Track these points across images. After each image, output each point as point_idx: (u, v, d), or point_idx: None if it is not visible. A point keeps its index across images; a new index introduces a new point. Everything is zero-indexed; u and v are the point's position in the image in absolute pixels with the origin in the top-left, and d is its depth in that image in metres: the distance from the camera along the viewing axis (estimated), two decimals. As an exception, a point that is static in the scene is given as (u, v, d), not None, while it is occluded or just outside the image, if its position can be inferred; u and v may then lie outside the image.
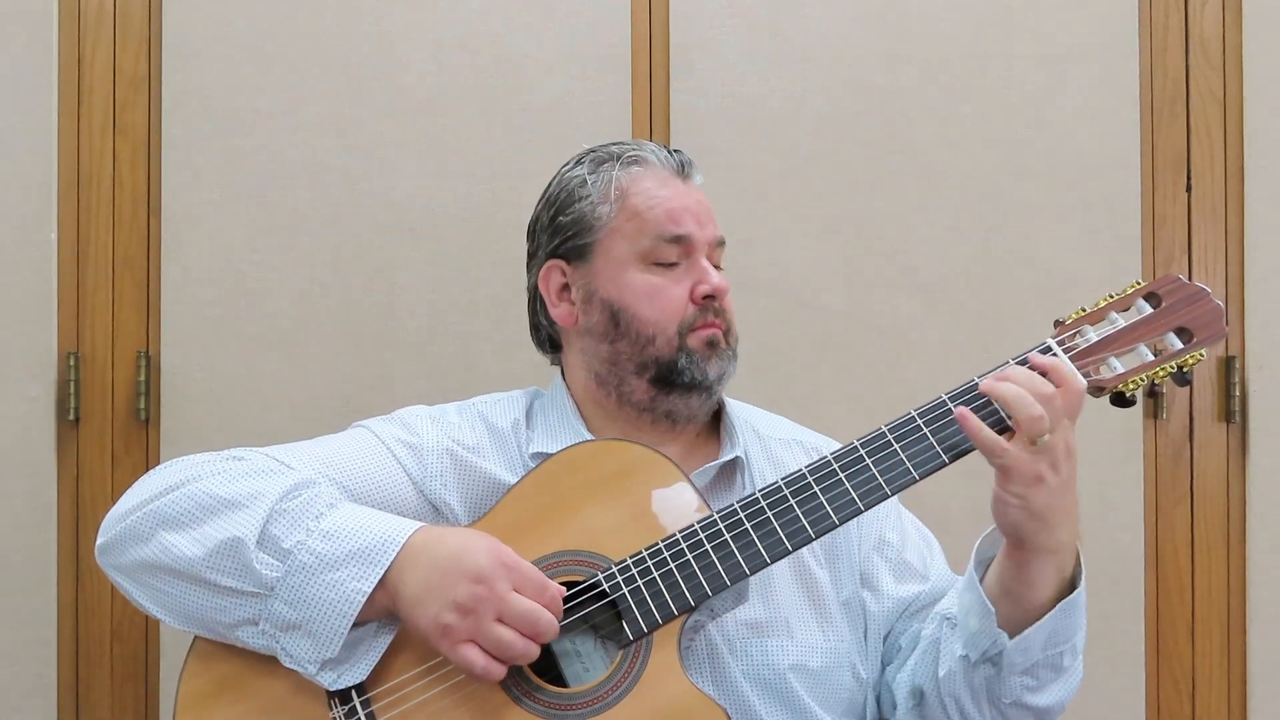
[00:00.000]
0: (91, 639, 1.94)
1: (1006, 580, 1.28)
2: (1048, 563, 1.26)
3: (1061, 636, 1.28)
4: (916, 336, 1.98)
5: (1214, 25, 1.99)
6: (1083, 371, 1.30)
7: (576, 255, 1.47)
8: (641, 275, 1.44)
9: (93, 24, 1.95)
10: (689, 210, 1.45)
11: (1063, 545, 1.26)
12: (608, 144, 1.51)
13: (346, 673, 1.24)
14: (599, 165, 1.48)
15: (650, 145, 1.49)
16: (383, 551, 1.23)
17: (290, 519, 1.26)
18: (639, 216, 1.44)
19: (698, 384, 1.43)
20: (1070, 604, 1.27)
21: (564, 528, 1.32)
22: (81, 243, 1.95)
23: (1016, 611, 1.28)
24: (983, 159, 1.99)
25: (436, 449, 1.43)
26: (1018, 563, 1.27)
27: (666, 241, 1.43)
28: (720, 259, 1.49)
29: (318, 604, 1.22)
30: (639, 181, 1.46)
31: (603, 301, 1.45)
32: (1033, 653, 1.28)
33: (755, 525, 1.29)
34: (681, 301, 1.43)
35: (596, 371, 1.47)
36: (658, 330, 1.43)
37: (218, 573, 1.24)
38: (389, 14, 1.98)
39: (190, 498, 1.28)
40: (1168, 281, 1.34)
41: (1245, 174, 1.98)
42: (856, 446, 1.30)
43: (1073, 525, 1.27)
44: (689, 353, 1.42)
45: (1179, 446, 1.99)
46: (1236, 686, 1.97)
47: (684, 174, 1.49)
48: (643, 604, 1.27)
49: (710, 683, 1.35)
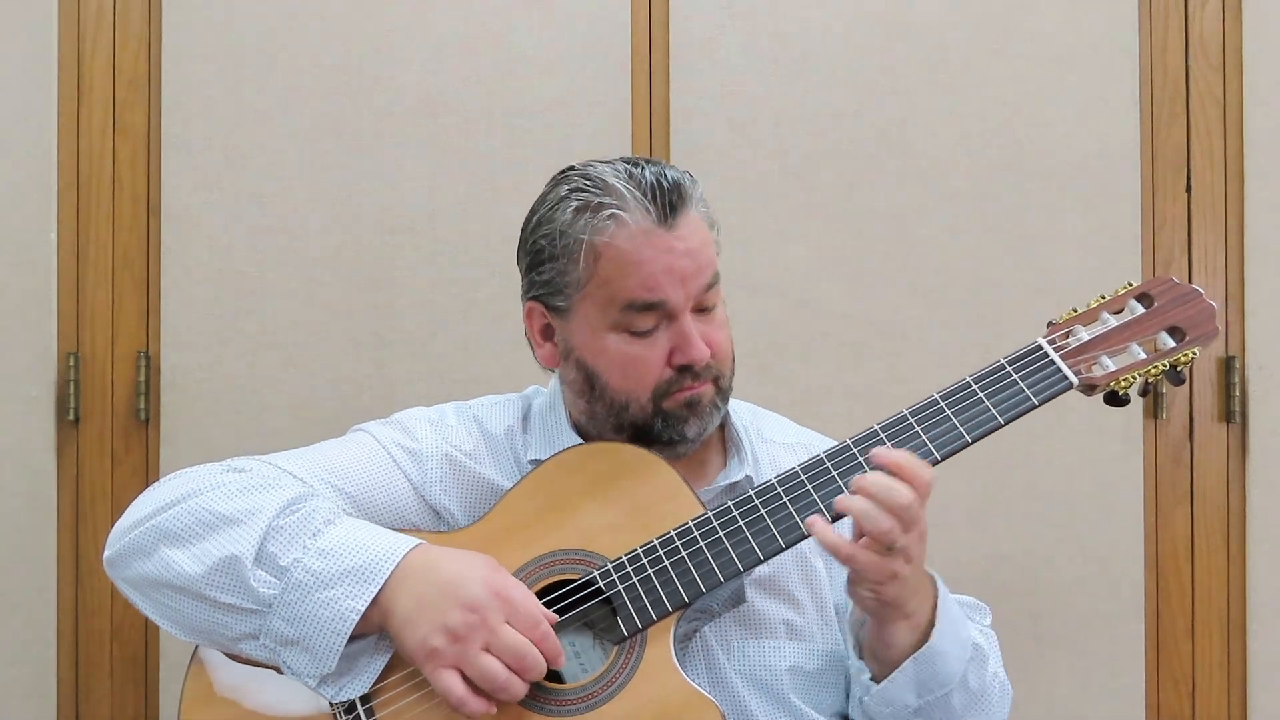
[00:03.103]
0: (91, 639, 1.94)
1: (870, 643, 1.31)
2: (901, 627, 1.27)
3: (936, 683, 1.28)
4: (916, 336, 1.98)
5: (1214, 25, 1.99)
6: (1074, 370, 1.30)
7: (554, 310, 1.41)
8: (615, 344, 1.36)
9: (93, 24, 1.95)
10: (669, 273, 1.33)
11: (914, 612, 1.27)
12: (588, 177, 1.37)
13: (348, 685, 1.24)
14: (574, 215, 1.36)
15: (630, 187, 1.34)
16: (377, 570, 1.23)
17: (287, 536, 1.26)
18: (610, 285, 1.34)
19: (676, 441, 1.39)
20: (924, 656, 1.27)
21: (559, 528, 1.32)
22: (81, 243, 1.95)
23: (883, 668, 1.29)
24: (983, 159, 1.99)
25: (436, 454, 1.43)
26: (874, 631, 1.29)
27: (639, 310, 1.34)
28: (715, 298, 1.39)
29: (313, 621, 1.22)
30: (612, 246, 1.33)
31: (578, 361, 1.40)
32: (904, 700, 1.28)
33: (749, 522, 1.28)
34: (657, 368, 1.36)
35: (577, 419, 1.45)
36: (631, 399, 1.37)
37: (217, 590, 1.24)
38: (389, 14, 1.98)
39: (191, 513, 1.28)
40: (1160, 282, 1.35)
41: (1245, 174, 1.98)
42: (849, 444, 1.30)
43: (925, 593, 1.28)
44: (665, 415, 1.37)
45: (1179, 446, 1.99)
46: (1236, 686, 1.97)
47: (668, 220, 1.33)
48: (637, 601, 1.27)
49: (706, 683, 1.35)
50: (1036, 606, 1.96)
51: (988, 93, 2.00)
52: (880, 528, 1.20)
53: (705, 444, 1.48)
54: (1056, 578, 1.97)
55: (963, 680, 1.30)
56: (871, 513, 1.20)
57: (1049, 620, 1.96)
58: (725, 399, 1.42)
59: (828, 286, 1.99)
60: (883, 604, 1.25)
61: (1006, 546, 1.96)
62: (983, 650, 1.34)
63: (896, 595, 1.24)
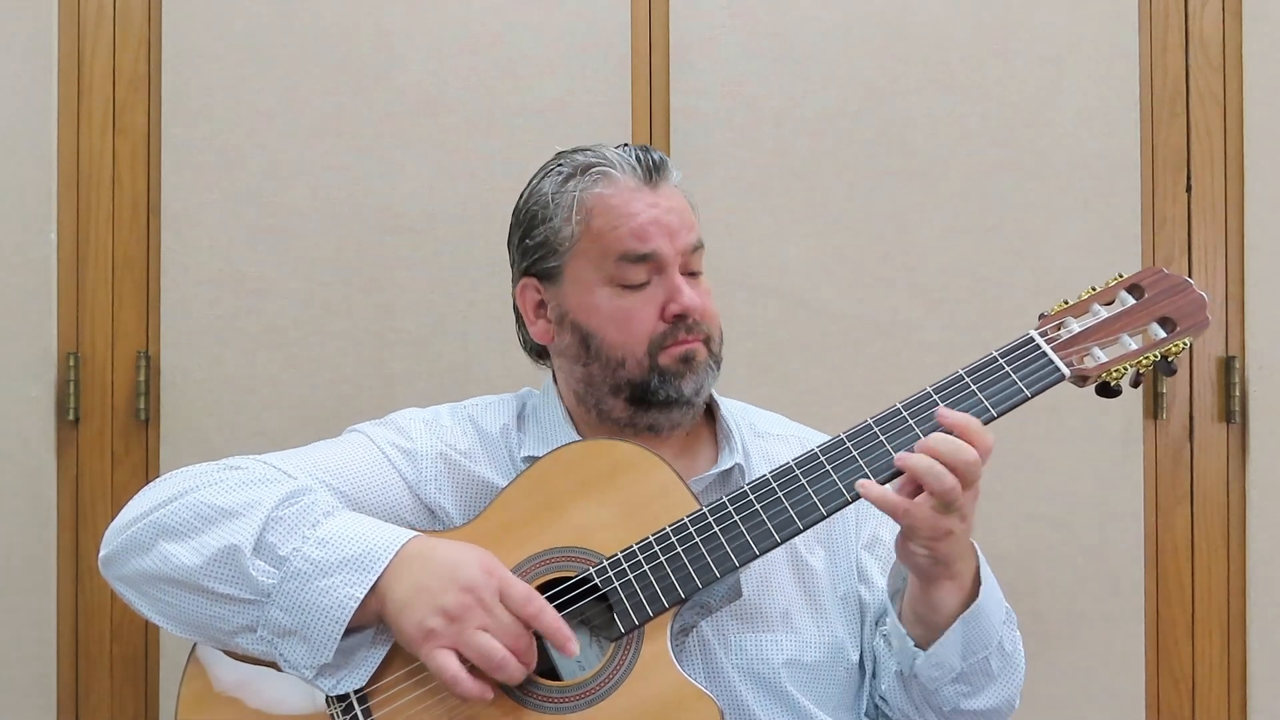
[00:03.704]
0: (91, 639, 1.94)
1: (915, 607, 1.32)
2: (947, 588, 1.29)
3: (978, 644, 1.30)
4: (916, 336, 1.98)
5: (1214, 25, 1.99)
6: (1066, 361, 1.31)
7: (546, 276, 1.45)
8: (609, 298, 1.40)
9: (93, 24, 1.95)
10: (657, 224, 1.39)
11: (960, 573, 1.29)
12: (575, 150, 1.46)
13: (345, 678, 1.24)
14: (564, 181, 1.43)
15: (616, 153, 1.43)
16: (376, 558, 1.24)
17: (286, 526, 1.26)
18: (602, 239, 1.40)
19: (674, 401, 1.41)
20: (971, 615, 1.29)
21: (555, 525, 1.32)
22: (81, 243, 1.95)
23: (929, 632, 1.31)
24: (983, 159, 1.99)
25: (431, 454, 1.43)
26: (921, 592, 1.30)
27: (631, 262, 1.39)
28: (699, 263, 1.44)
29: (312, 609, 1.22)
30: (603, 199, 1.40)
31: (573, 324, 1.43)
32: (951, 664, 1.31)
33: (744, 518, 1.29)
34: (651, 322, 1.40)
35: (575, 389, 1.47)
36: (626, 353, 1.40)
37: (216, 580, 1.24)
38: (389, 14, 1.98)
39: (189, 507, 1.28)
40: (1150, 274, 1.35)
41: (1245, 174, 1.98)
42: (843, 439, 1.31)
43: (969, 554, 1.30)
44: (661, 372, 1.40)
45: (1179, 446, 1.99)
46: (1236, 686, 1.97)
47: (653, 180, 1.41)
48: (633, 597, 1.27)
49: (703, 677, 1.35)
50: (1036, 606, 1.96)
51: (988, 93, 2.00)
52: (944, 485, 1.21)
53: (696, 435, 1.50)
54: (1056, 578, 1.97)
55: (999, 643, 1.32)
56: (936, 469, 1.22)
57: (1049, 620, 1.96)
58: (717, 363, 1.45)
59: (828, 286, 1.99)
60: (935, 561, 1.26)
61: (1006, 546, 1.96)
62: (1013, 614, 1.36)
63: (949, 552, 1.25)
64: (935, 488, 1.22)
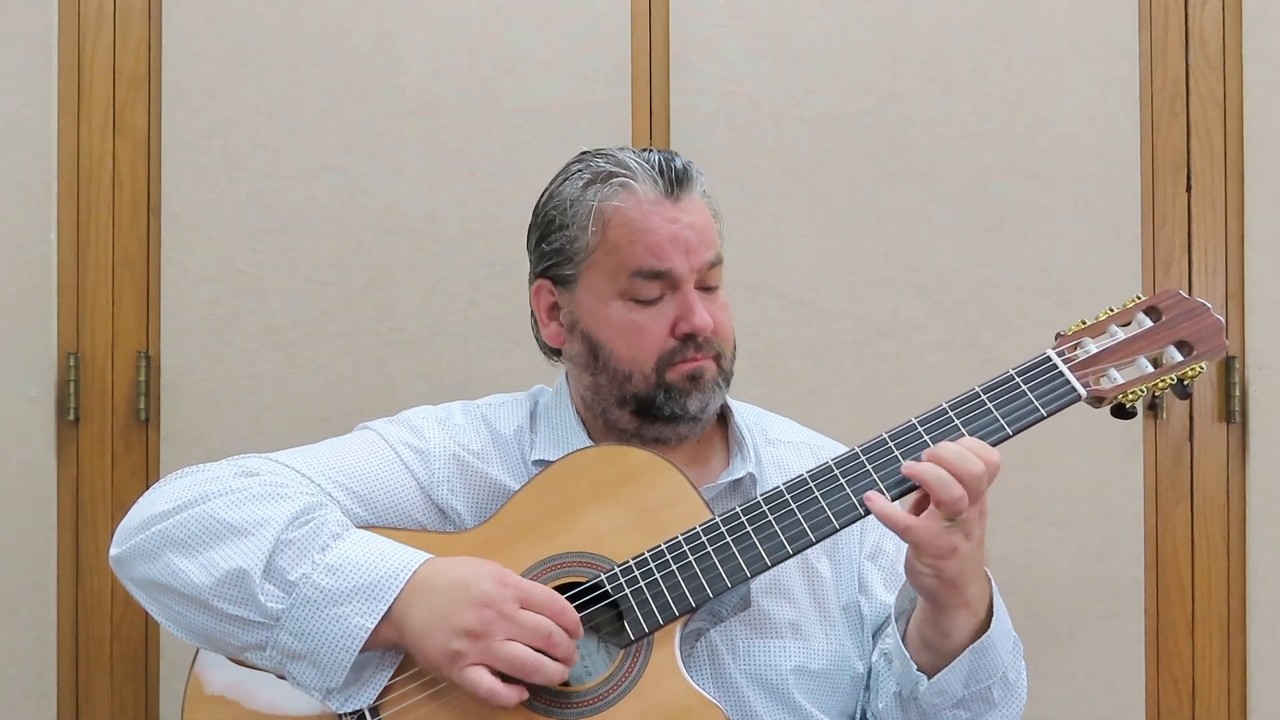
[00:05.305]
0: (91, 639, 1.94)
1: (924, 632, 1.30)
2: (959, 615, 1.27)
3: (983, 674, 1.29)
4: (916, 336, 1.98)
5: (1214, 25, 1.99)
6: (1082, 382, 1.31)
7: (561, 282, 1.43)
8: (621, 311, 1.39)
9: (93, 24, 1.95)
10: (675, 241, 1.37)
11: (973, 599, 1.27)
12: (601, 154, 1.43)
13: (354, 696, 1.24)
14: (584, 188, 1.40)
15: (641, 162, 1.40)
16: (387, 587, 1.23)
17: (296, 550, 1.25)
18: (618, 252, 1.38)
19: (678, 417, 1.40)
20: (981, 647, 1.28)
21: (567, 530, 1.32)
22: (81, 243, 1.95)
23: (936, 659, 1.30)
24: (983, 159, 1.99)
25: (443, 454, 1.42)
26: (931, 618, 1.29)
27: (645, 278, 1.37)
28: (717, 278, 1.42)
29: (322, 637, 1.22)
30: (621, 211, 1.38)
31: (583, 333, 1.42)
32: (953, 692, 1.30)
33: (757, 529, 1.29)
34: (661, 338, 1.38)
35: (583, 396, 1.46)
36: (634, 368, 1.39)
37: (224, 601, 1.24)
38: (389, 14, 1.98)
39: (197, 520, 1.27)
40: (1168, 296, 1.35)
41: (1245, 174, 1.98)
42: (857, 452, 1.30)
43: (982, 579, 1.29)
44: (667, 388, 1.39)
45: (1179, 447, 1.99)
46: (1236, 686, 1.97)
47: (674, 193, 1.38)
48: (644, 604, 1.27)
49: (711, 684, 1.35)
50: (1036, 606, 1.96)
51: (988, 93, 2.00)
52: (951, 495, 1.21)
53: (709, 442, 1.49)
54: (1056, 578, 1.97)
55: (1004, 674, 1.31)
56: (945, 478, 1.21)
57: (1049, 620, 1.97)
58: (727, 380, 1.43)
59: (828, 286, 1.99)
60: (942, 583, 1.24)
61: (1006, 546, 1.96)
62: (1020, 644, 1.35)
63: (957, 573, 1.24)
64: (942, 496, 1.21)
